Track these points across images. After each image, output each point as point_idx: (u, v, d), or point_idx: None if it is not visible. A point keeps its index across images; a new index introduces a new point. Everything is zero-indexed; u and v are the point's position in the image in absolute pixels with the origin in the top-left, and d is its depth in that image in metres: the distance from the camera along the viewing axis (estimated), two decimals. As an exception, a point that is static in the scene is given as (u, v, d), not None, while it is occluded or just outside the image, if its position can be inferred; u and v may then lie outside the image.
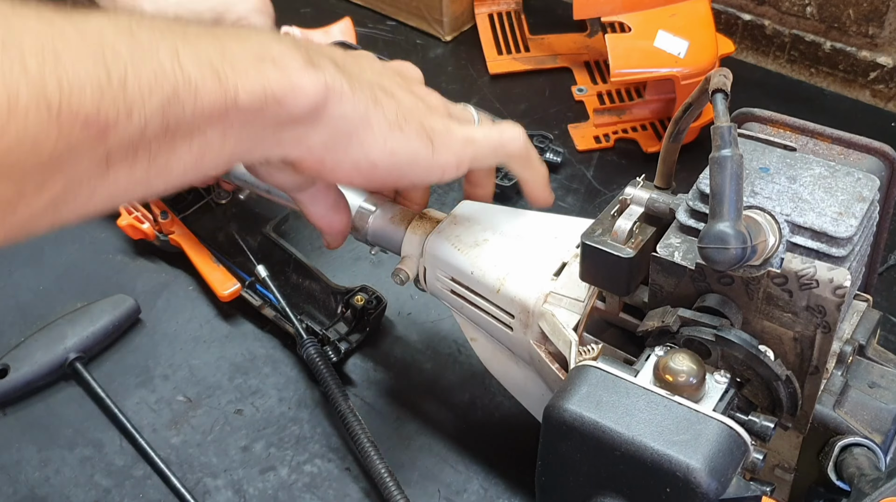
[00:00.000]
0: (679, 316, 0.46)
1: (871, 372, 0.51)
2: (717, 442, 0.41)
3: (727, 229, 0.42)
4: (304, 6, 1.15)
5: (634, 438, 0.41)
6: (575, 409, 0.43)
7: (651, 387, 0.44)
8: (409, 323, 0.76)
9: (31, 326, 0.75)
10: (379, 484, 0.62)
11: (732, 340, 0.44)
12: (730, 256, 0.42)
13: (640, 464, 0.41)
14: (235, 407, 0.71)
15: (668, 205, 0.50)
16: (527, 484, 0.64)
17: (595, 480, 0.43)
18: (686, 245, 0.47)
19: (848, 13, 0.96)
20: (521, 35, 1.08)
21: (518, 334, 0.58)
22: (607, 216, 0.51)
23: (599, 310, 0.55)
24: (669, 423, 0.42)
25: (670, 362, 0.44)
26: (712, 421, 0.42)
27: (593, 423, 0.42)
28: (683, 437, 0.41)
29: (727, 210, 0.42)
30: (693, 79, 0.86)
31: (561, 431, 0.43)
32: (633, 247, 0.49)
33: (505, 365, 0.63)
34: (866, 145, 0.50)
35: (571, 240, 0.58)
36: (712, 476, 0.40)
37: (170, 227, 0.79)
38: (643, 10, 0.91)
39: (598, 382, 0.44)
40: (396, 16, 1.12)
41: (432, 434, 0.69)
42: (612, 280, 0.51)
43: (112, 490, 0.66)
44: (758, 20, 1.04)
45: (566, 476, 0.44)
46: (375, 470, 0.63)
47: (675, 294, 0.48)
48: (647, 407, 0.42)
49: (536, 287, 0.56)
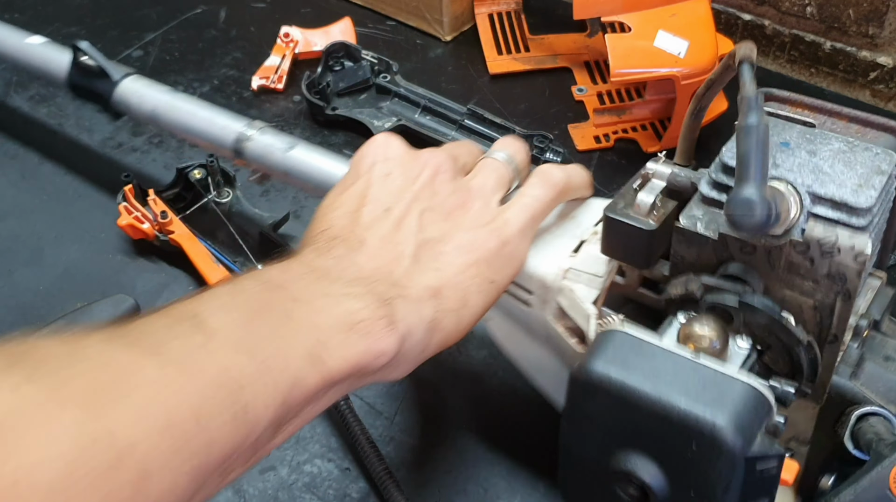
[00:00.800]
0: (703, 283, 0.47)
1: (885, 346, 0.52)
2: (743, 401, 0.42)
3: (754, 194, 0.43)
4: (305, 6, 1.15)
5: (661, 396, 0.42)
6: (602, 370, 0.44)
7: (676, 350, 0.44)
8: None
9: (31, 326, 0.75)
10: (379, 484, 0.63)
11: (756, 306, 0.45)
12: (756, 221, 0.43)
13: (667, 422, 0.42)
14: None
15: (690, 179, 0.51)
16: (527, 484, 0.65)
17: (620, 439, 0.44)
18: (708, 216, 0.48)
19: (848, 13, 0.97)
20: (521, 35, 1.09)
21: (536, 311, 0.59)
22: (629, 190, 0.52)
23: (618, 286, 0.56)
24: (695, 383, 0.42)
25: (694, 327, 0.45)
26: (737, 381, 0.42)
27: (620, 383, 0.43)
28: (709, 396, 0.42)
29: (753, 175, 0.43)
30: (693, 79, 0.87)
31: (587, 391, 0.44)
32: (656, 220, 0.50)
33: (520, 343, 0.64)
34: (883, 124, 0.51)
35: (589, 220, 0.59)
36: (738, 433, 0.41)
37: (170, 227, 0.79)
38: (643, 10, 0.91)
39: (623, 345, 0.45)
40: (396, 16, 1.13)
41: (432, 433, 0.69)
42: (634, 252, 0.51)
43: None
44: (758, 20, 1.05)
45: (591, 435, 0.45)
46: (375, 470, 0.63)
47: (697, 264, 0.49)
48: (672, 368, 0.43)
49: (555, 264, 0.57)
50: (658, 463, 0.43)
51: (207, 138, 0.75)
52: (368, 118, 0.94)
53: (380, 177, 0.54)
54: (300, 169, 0.71)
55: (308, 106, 0.97)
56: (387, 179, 0.54)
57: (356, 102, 0.97)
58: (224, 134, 0.74)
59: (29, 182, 0.91)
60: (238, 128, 0.74)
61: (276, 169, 0.72)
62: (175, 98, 0.78)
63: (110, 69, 0.80)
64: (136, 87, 0.79)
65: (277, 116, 0.98)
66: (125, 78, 0.80)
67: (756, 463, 0.41)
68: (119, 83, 0.79)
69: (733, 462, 0.41)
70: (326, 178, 0.70)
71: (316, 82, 0.97)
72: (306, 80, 0.96)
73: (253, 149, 0.73)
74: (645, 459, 0.43)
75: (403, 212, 0.52)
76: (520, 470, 0.66)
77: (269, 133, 0.73)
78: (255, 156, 0.73)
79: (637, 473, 0.43)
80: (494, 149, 0.58)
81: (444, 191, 0.54)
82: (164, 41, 1.10)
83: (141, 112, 0.78)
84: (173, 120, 0.77)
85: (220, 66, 1.05)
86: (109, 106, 0.80)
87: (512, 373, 0.68)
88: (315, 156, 0.71)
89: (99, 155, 0.94)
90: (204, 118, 0.75)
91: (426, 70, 1.05)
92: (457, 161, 0.56)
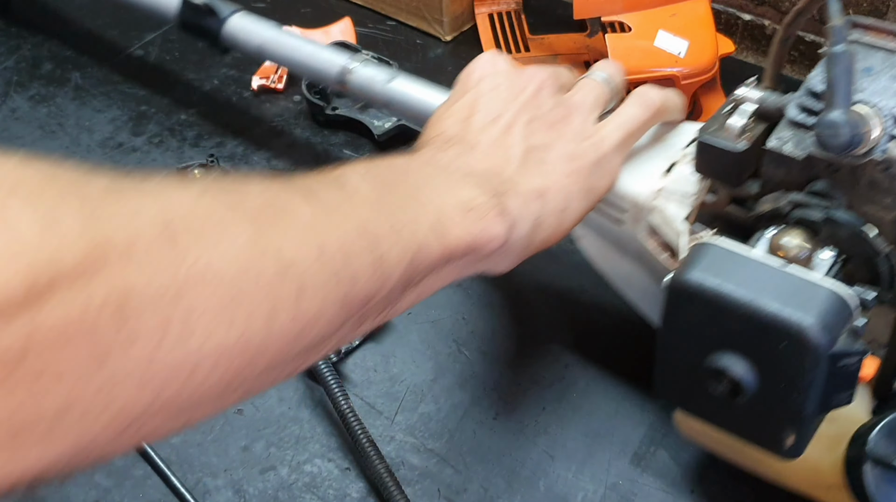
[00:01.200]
0: (791, 199, 0.51)
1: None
2: (828, 303, 0.46)
3: (840, 117, 0.47)
4: (305, 6, 1.14)
5: (752, 300, 0.47)
6: (697, 277, 0.48)
7: (766, 260, 0.49)
8: (409, 322, 0.77)
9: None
10: (378, 485, 0.64)
11: (840, 219, 0.50)
12: (842, 141, 0.47)
13: (758, 324, 0.47)
14: (236, 406, 0.71)
15: (778, 103, 0.55)
16: (527, 484, 0.67)
17: (714, 341, 0.49)
18: (796, 138, 0.52)
19: (847, 13, 0.96)
20: (521, 35, 1.08)
21: (628, 229, 0.64)
22: (720, 115, 0.56)
23: (708, 204, 0.60)
24: (784, 288, 0.47)
25: (784, 238, 0.50)
26: (823, 286, 0.47)
27: (715, 289, 0.48)
28: (797, 300, 0.46)
29: (840, 100, 0.47)
30: (693, 78, 0.88)
31: (684, 298, 0.49)
32: (746, 141, 0.54)
33: (611, 259, 0.68)
34: (964, 49, 0.54)
35: (680, 143, 0.63)
36: (824, 332, 0.45)
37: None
38: (643, 9, 0.92)
39: (717, 255, 0.49)
40: (396, 16, 1.12)
41: (432, 433, 0.70)
42: (725, 172, 0.56)
43: (112, 489, 0.66)
44: (758, 20, 1.04)
45: (687, 339, 0.50)
46: (375, 470, 0.64)
47: (785, 183, 0.53)
48: (763, 276, 0.48)
49: (648, 184, 0.62)
50: (749, 361, 0.48)
51: (313, 70, 0.80)
52: (368, 118, 0.93)
53: (488, 90, 0.58)
54: (401, 98, 0.76)
55: (308, 106, 0.96)
56: (494, 91, 0.58)
57: (356, 102, 0.96)
58: (329, 66, 0.79)
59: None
60: (341, 61, 0.79)
61: (378, 98, 0.77)
62: (280, 34, 0.83)
63: (218, 6, 0.85)
64: (244, 23, 0.84)
65: (277, 116, 0.98)
66: (233, 14, 0.85)
67: (839, 360, 0.46)
68: (227, 19, 0.84)
69: (818, 358, 0.46)
70: (425, 107, 0.75)
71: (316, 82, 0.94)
72: (306, 80, 0.95)
73: (356, 80, 0.78)
74: (737, 358, 0.48)
75: (511, 121, 0.56)
76: (520, 469, 0.68)
77: (371, 65, 0.78)
78: (359, 87, 0.78)
79: (730, 371, 0.48)
80: (594, 70, 0.63)
81: (547, 104, 0.59)
82: (165, 41, 1.09)
83: (248, 47, 0.84)
84: (280, 54, 0.82)
85: (221, 66, 1.04)
86: (218, 42, 0.85)
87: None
88: (415, 86, 0.76)
89: (99, 155, 0.94)
90: (309, 52, 0.80)
91: (426, 70, 1.04)
92: (559, 78, 0.61)
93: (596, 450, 0.68)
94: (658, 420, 0.69)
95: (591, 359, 0.74)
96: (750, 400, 0.48)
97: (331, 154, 0.93)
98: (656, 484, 0.66)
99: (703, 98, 0.92)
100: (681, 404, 0.54)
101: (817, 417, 0.49)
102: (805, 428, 0.49)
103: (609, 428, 0.69)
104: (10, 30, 1.12)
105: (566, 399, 0.71)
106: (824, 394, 0.47)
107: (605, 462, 0.67)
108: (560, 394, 0.72)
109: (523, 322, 0.77)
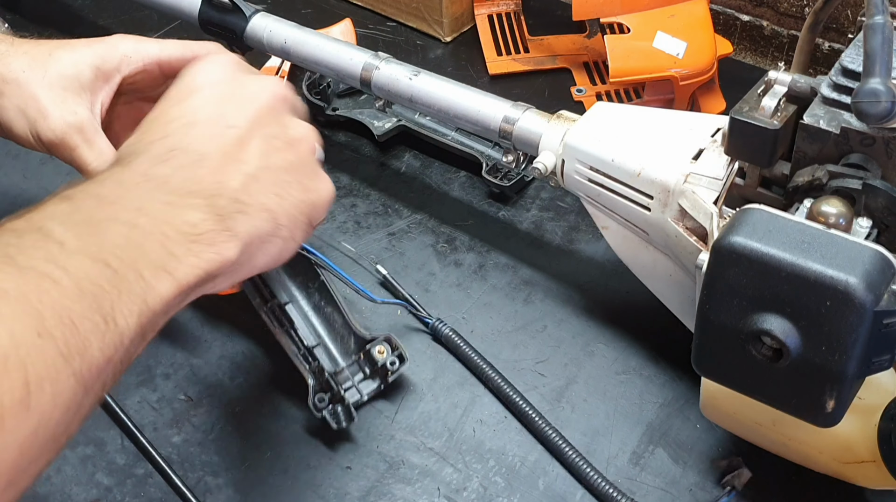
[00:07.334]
0: (828, 170, 0.53)
1: None
2: (872, 262, 0.47)
3: (879, 85, 0.49)
4: (305, 7, 1.15)
5: (797, 261, 0.48)
6: (742, 239, 0.49)
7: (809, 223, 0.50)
8: (409, 321, 0.78)
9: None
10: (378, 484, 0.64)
11: (878, 187, 0.51)
12: (881, 109, 0.49)
13: (803, 283, 0.47)
14: (236, 406, 0.72)
15: (810, 84, 0.56)
16: (527, 483, 0.67)
17: (758, 303, 0.50)
18: (830, 114, 0.54)
19: (846, 14, 0.98)
20: (520, 36, 1.09)
21: (656, 214, 0.65)
22: (752, 96, 0.58)
23: (738, 187, 0.61)
24: (829, 249, 0.48)
25: (822, 205, 0.51)
26: (867, 247, 0.48)
27: (759, 251, 0.49)
28: (842, 260, 0.47)
29: (879, 69, 0.49)
30: (692, 79, 0.89)
31: (730, 259, 0.50)
32: (779, 121, 0.56)
33: (635, 249, 0.70)
34: None
35: (706, 131, 0.65)
36: (868, 290, 0.46)
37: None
38: (642, 11, 0.93)
39: (761, 219, 0.50)
40: (396, 17, 1.13)
41: (432, 432, 0.70)
42: (759, 151, 0.57)
43: (113, 488, 0.66)
44: (756, 21, 1.06)
45: (730, 302, 0.51)
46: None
47: (819, 159, 0.55)
48: (807, 237, 0.49)
49: (677, 169, 0.63)
50: (792, 322, 0.49)
51: (338, 68, 0.81)
52: (368, 118, 0.94)
53: (218, 95, 0.54)
54: (425, 94, 0.77)
55: (308, 106, 0.95)
56: (226, 98, 0.54)
57: (356, 103, 0.97)
58: (352, 64, 0.80)
59: (31, 182, 0.91)
60: (365, 59, 0.80)
61: (402, 95, 0.78)
62: (304, 32, 0.84)
63: (243, 5, 0.86)
64: (266, 22, 0.85)
65: (278, 116, 0.98)
66: (255, 14, 0.86)
67: (883, 318, 0.47)
68: (251, 18, 0.85)
69: (863, 315, 0.46)
70: (449, 103, 0.76)
71: (316, 83, 0.95)
72: (307, 80, 0.94)
73: (380, 78, 0.79)
74: (780, 319, 0.49)
75: (246, 135, 0.52)
76: (520, 469, 0.68)
77: (393, 62, 0.80)
78: (382, 84, 0.79)
79: (773, 332, 0.49)
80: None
81: (285, 121, 0.56)
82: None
83: (272, 46, 0.85)
84: (304, 53, 0.83)
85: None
86: (240, 40, 0.86)
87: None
88: (438, 83, 0.77)
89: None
90: (333, 50, 0.82)
91: (426, 70, 1.05)
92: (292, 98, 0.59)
93: (595, 449, 0.68)
94: (657, 419, 0.70)
95: (590, 358, 0.75)
96: (791, 363, 0.49)
97: (331, 154, 0.93)
98: (655, 483, 0.66)
99: (701, 98, 0.93)
100: (718, 376, 0.55)
101: (857, 381, 0.50)
102: (846, 392, 0.49)
103: (608, 428, 0.70)
104: (21, 25, 1.11)
105: (565, 398, 0.72)
106: (865, 355, 0.48)
107: (604, 461, 0.68)
108: (559, 393, 0.72)
109: (522, 321, 0.78)
